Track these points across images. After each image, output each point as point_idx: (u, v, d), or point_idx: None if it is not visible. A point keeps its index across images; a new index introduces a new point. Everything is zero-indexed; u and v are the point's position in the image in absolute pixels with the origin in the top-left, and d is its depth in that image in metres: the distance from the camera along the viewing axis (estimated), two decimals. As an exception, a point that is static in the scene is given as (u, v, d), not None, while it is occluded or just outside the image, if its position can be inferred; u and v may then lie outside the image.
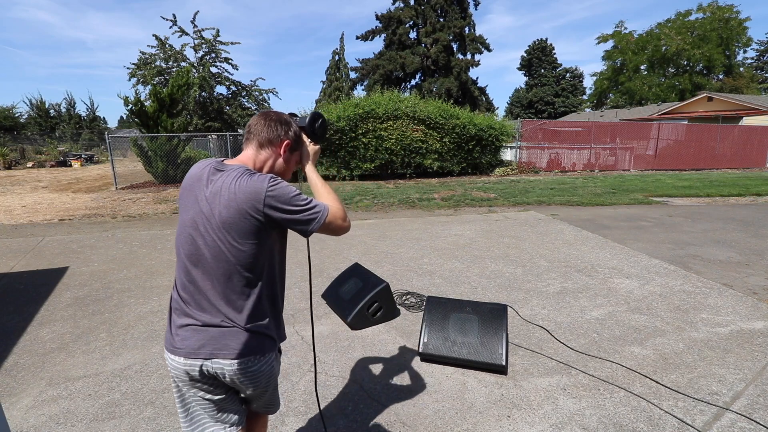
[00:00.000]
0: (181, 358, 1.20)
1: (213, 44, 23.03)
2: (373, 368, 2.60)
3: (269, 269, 1.25)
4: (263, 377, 1.25)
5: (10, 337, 3.01)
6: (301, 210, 1.18)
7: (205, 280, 1.20)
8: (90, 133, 31.33)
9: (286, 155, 1.33)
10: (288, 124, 1.32)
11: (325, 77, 38.83)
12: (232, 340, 1.18)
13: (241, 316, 1.19)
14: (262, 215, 1.14)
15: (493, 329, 2.56)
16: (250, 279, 1.19)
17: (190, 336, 1.20)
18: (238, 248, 1.16)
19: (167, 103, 12.31)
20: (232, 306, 1.19)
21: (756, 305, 3.52)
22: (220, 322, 1.19)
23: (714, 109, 23.49)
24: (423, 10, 31.19)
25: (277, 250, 1.27)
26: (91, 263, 4.72)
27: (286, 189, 1.17)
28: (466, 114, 13.45)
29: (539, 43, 51.28)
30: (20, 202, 9.30)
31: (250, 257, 1.18)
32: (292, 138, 1.33)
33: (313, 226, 1.20)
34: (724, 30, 35.09)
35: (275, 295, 1.29)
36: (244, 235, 1.16)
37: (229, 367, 1.19)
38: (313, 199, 1.24)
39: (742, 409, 2.19)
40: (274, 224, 1.18)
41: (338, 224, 1.25)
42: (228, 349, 1.18)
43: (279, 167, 1.33)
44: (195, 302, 1.21)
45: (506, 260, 4.77)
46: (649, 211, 7.97)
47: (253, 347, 1.20)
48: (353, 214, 7.66)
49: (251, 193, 1.13)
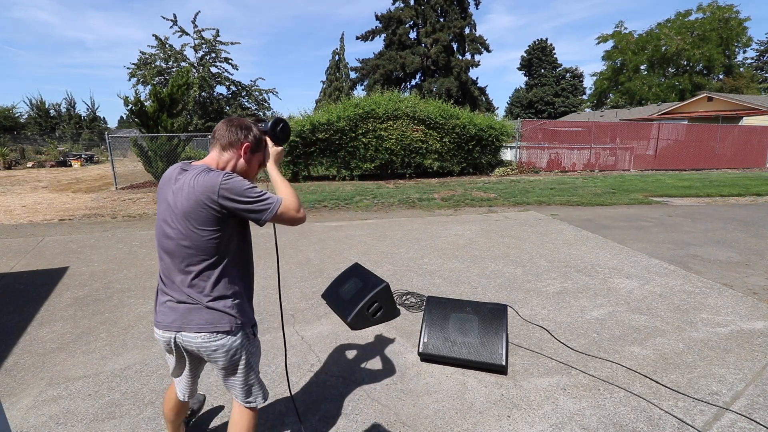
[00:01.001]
0: (161, 331, 1.45)
1: (213, 44, 23.05)
2: (373, 368, 2.60)
3: (231, 255, 1.43)
4: (227, 353, 1.43)
5: (10, 337, 3.01)
6: (253, 201, 1.35)
7: (174, 264, 1.40)
8: (90, 133, 31.33)
9: (247, 156, 1.50)
10: (248, 129, 1.49)
11: (325, 77, 38.88)
12: (195, 315, 1.39)
13: (202, 294, 1.39)
14: (218, 205, 1.32)
15: (493, 329, 2.56)
16: (210, 262, 1.38)
17: (167, 312, 1.43)
18: (198, 234, 1.35)
19: (167, 103, 12.30)
20: (196, 286, 1.39)
21: (756, 305, 3.52)
22: (187, 300, 1.40)
23: (714, 109, 23.49)
24: (423, 10, 31.20)
25: (238, 238, 1.44)
26: (91, 263, 4.72)
27: (240, 183, 1.35)
28: (466, 114, 13.44)
29: (539, 43, 51.28)
30: (20, 202, 9.30)
31: (210, 242, 1.36)
32: (252, 141, 1.50)
33: (266, 215, 1.36)
34: (724, 30, 35.08)
35: (240, 278, 1.47)
36: (203, 223, 1.34)
37: (194, 340, 1.40)
38: (268, 192, 1.40)
39: (742, 409, 2.19)
40: (230, 213, 1.35)
41: (291, 215, 1.41)
42: (192, 324, 1.39)
43: (241, 167, 1.50)
44: (170, 283, 1.43)
45: (506, 260, 4.77)
46: (649, 211, 7.97)
47: (215, 323, 1.39)
48: (353, 214, 7.66)
49: (207, 186, 1.32)
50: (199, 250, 1.36)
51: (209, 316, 1.39)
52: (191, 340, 1.40)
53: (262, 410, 2.19)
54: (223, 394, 2.31)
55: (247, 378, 1.53)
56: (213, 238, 1.36)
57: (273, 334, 3.02)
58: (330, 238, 5.83)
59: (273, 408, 2.21)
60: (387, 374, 2.53)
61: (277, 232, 1.77)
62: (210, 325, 1.39)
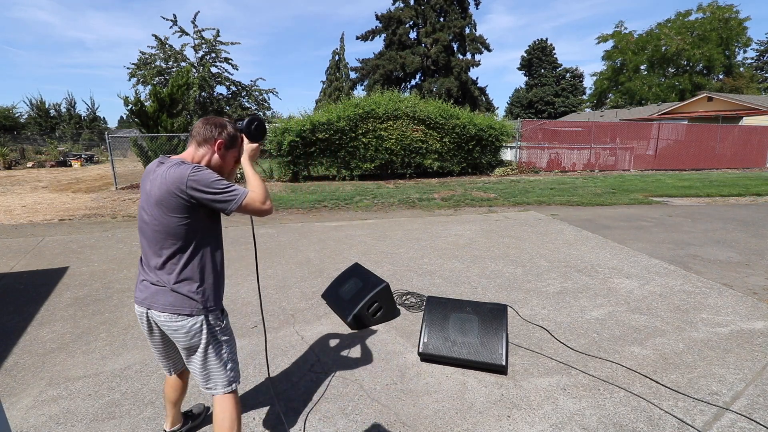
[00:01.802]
0: (136, 305, 1.61)
1: (213, 44, 23.04)
2: (373, 368, 2.60)
3: (199, 243, 1.54)
4: (186, 334, 1.55)
5: (10, 337, 3.01)
6: (219, 192, 1.46)
7: (147, 248, 1.54)
8: (90, 133, 31.32)
9: (221, 152, 1.61)
10: (222, 126, 1.60)
11: (325, 77, 38.87)
12: (161, 297, 1.52)
13: (169, 278, 1.51)
14: (186, 195, 1.43)
15: (493, 329, 2.56)
16: (178, 248, 1.50)
17: (143, 290, 1.57)
18: (169, 219, 1.46)
19: (167, 103, 12.31)
20: (166, 269, 1.52)
21: (756, 305, 3.52)
22: (156, 281, 1.53)
23: (714, 109, 23.49)
24: (423, 10, 31.19)
25: (207, 226, 1.56)
26: (91, 263, 4.72)
27: (207, 175, 1.45)
28: (466, 114, 13.45)
29: (539, 43, 51.27)
30: (20, 202, 9.30)
31: (180, 228, 1.48)
32: (225, 138, 1.60)
33: (231, 206, 1.48)
34: (724, 30, 35.09)
35: (208, 265, 1.57)
36: (173, 210, 1.45)
37: (158, 318, 1.55)
38: (235, 185, 1.51)
39: (742, 409, 2.19)
40: (198, 203, 1.46)
41: (256, 207, 1.52)
42: (158, 304, 1.53)
43: (215, 162, 1.61)
44: (146, 264, 1.57)
45: (506, 260, 4.77)
46: (649, 211, 7.97)
47: (177, 306, 1.51)
48: (353, 214, 7.66)
49: (177, 177, 1.43)
50: (169, 235, 1.48)
51: (173, 298, 1.51)
52: (157, 317, 1.56)
53: (262, 410, 2.20)
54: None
55: (206, 363, 1.60)
56: (183, 224, 1.47)
57: (273, 334, 3.02)
58: (330, 238, 5.83)
59: (273, 408, 2.22)
60: (387, 374, 2.53)
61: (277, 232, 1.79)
62: (172, 306, 1.51)
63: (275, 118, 24.63)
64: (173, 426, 1.96)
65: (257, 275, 2.03)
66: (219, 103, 24.02)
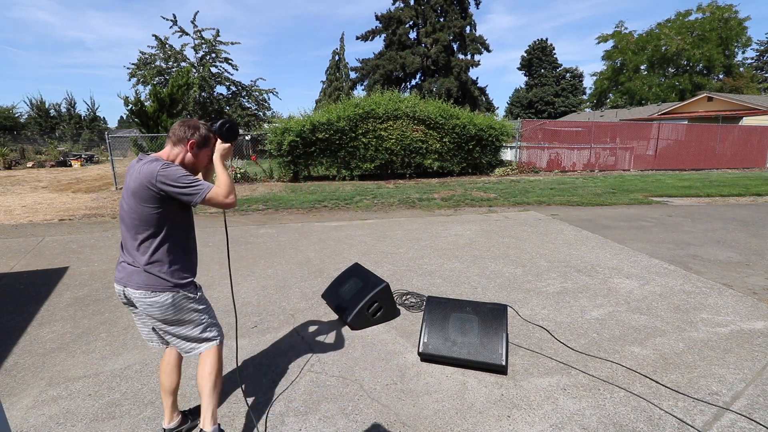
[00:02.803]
0: (115, 284, 1.80)
1: (213, 44, 23.03)
2: (373, 368, 2.60)
3: (170, 229, 1.73)
4: (159, 308, 1.75)
5: (10, 337, 3.01)
6: (185, 186, 1.64)
7: (126, 233, 1.75)
8: (90, 133, 31.30)
9: (194, 151, 1.79)
10: (196, 128, 1.79)
11: (325, 77, 38.86)
12: (136, 276, 1.72)
13: (142, 260, 1.71)
14: (156, 188, 1.63)
15: (493, 329, 2.56)
16: (151, 233, 1.70)
17: (121, 270, 1.77)
18: (142, 209, 1.67)
19: (167, 103, 12.33)
20: (139, 252, 1.72)
21: (756, 305, 3.52)
22: (132, 263, 1.74)
23: (714, 109, 23.49)
24: (423, 10, 31.17)
25: (177, 215, 1.75)
26: (91, 263, 4.72)
27: (175, 171, 1.65)
28: (466, 114, 13.44)
29: (539, 43, 51.27)
30: (20, 202, 9.30)
31: (152, 216, 1.68)
32: (197, 139, 1.78)
33: (196, 198, 1.66)
34: (724, 30, 35.08)
35: (178, 248, 1.77)
36: (146, 201, 1.66)
37: (134, 295, 1.74)
38: (200, 181, 1.69)
39: (742, 409, 2.19)
40: (168, 195, 1.65)
41: (219, 200, 1.69)
42: (133, 283, 1.73)
43: (188, 160, 1.80)
44: (125, 247, 1.77)
45: (506, 260, 4.77)
46: (649, 211, 7.97)
47: (149, 284, 1.72)
48: (353, 214, 7.66)
49: (149, 173, 1.64)
50: (143, 222, 1.68)
51: (145, 278, 1.71)
52: (132, 294, 1.74)
53: (262, 410, 2.20)
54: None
55: (182, 331, 1.84)
56: (155, 213, 1.68)
57: (273, 334, 3.02)
58: (330, 238, 5.83)
59: (273, 408, 2.22)
60: (387, 374, 2.53)
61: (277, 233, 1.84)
62: (145, 285, 1.72)
63: (275, 118, 24.60)
64: (171, 421, 1.99)
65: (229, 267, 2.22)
66: (219, 103, 24.00)
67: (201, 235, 5.89)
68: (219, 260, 4.79)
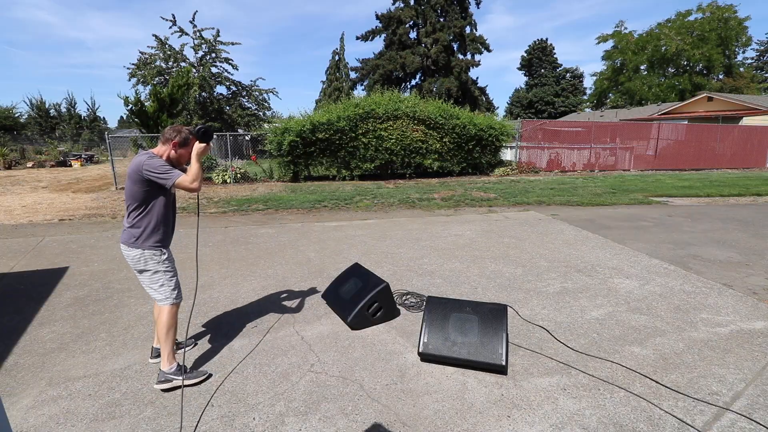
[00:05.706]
0: (120, 243, 2.39)
1: (213, 44, 23.02)
2: (373, 368, 2.60)
3: (152, 205, 2.31)
4: (133, 259, 2.34)
5: (10, 337, 3.01)
6: (160, 174, 2.21)
7: (125, 204, 2.34)
8: (90, 133, 31.28)
9: (177, 149, 2.37)
10: (178, 131, 2.35)
11: (325, 77, 38.79)
12: (124, 234, 2.35)
13: (127, 222, 2.34)
14: (141, 174, 2.22)
15: (493, 329, 2.56)
16: (137, 205, 2.30)
17: (123, 232, 2.38)
18: (134, 189, 2.27)
19: (167, 103, 12.32)
20: (129, 217, 2.33)
21: (756, 305, 3.52)
22: (125, 225, 2.36)
23: (714, 109, 23.48)
24: (423, 10, 31.15)
25: (159, 195, 2.32)
26: (91, 263, 4.72)
27: (156, 162, 2.23)
28: (466, 114, 13.44)
29: (539, 43, 51.24)
30: (20, 202, 9.29)
31: (140, 194, 2.28)
32: (179, 140, 2.35)
33: (168, 182, 2.21)
34: (724, 30, 35.07)
35: (156, 219, 2.34)
36: (136, 183, 2.25)
37: (121, 248, 2.37)
38: (173, 170, 2.24)
39: (742, 409, 2.19)
40: (149, 180, 2.22)
41: (185, 185, 2.22)
42: (123, 239, 2.36)
43: (173, 155, 2.38)
44: (125, 215, 2.37)
45: (506, 260, 4.77)
46: (649, 211, 7.97)
47: (127, 240, 2.34)
48: (353, 214, 7.66)
49: (138, 162, 2.23)
50: (134, 198, 2.29)
51: (127, 235, 2.34)
52: (121, 247, 2.38)
53: (262, 410, 2.20)
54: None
55: (152, 281, 2.38)
56: (142, 192, 2.27)
57: (273, 334, 3.02)
58: (330, 238, 5.83)
59: (273, 408, 2.22)
60: (387, 374, 2.53)
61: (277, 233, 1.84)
62: (126, 241, 2.34)
63: (275, 118, 24.57)
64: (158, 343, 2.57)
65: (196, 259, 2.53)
66: (219, 103, 23.98)
67: (201, 235, 5.89)
68: (219, 260, 4.79)
